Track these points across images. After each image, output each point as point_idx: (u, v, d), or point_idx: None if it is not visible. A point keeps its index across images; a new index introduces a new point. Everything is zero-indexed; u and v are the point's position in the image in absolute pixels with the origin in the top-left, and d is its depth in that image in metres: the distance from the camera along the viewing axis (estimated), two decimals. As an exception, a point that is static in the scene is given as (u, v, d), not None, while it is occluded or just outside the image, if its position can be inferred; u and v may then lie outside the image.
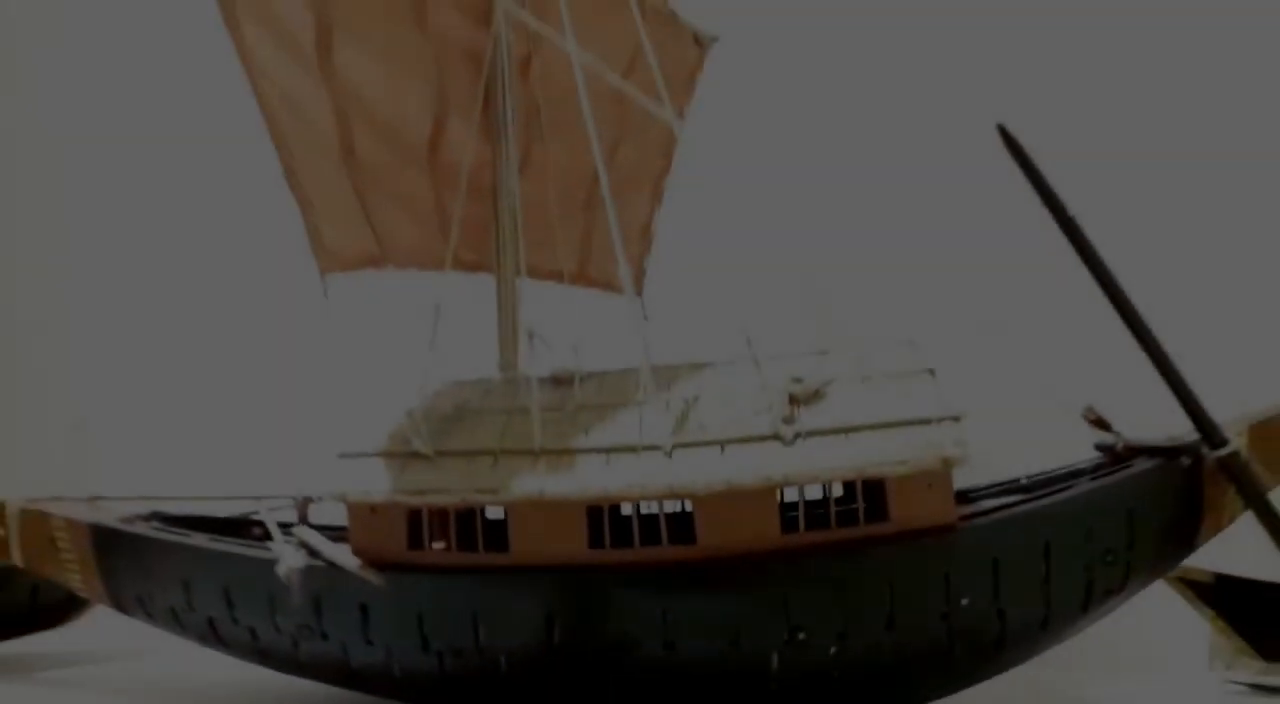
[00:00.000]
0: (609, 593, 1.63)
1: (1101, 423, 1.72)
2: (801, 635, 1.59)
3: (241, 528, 2.04)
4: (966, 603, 1.58)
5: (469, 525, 1.72)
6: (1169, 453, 1.66)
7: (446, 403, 1.86)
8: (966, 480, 1.78)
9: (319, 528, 1.82)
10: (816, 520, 1.63)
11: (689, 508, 1.62)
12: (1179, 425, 1.64)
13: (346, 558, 1.71)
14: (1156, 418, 1.66)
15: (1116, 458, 1.70)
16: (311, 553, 1.73)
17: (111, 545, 1.98)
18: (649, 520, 1.66)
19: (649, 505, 1.67)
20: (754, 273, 2.23)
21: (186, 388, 2.95)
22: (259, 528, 1.98)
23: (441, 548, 1.76)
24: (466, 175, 2.01)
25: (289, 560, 1.70)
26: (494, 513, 1.72)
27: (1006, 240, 2.25)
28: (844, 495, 1.65)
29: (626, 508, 1.72)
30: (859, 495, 1.60)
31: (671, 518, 1.64)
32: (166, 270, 3.02)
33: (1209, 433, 1.62)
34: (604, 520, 1.65)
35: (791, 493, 1.72)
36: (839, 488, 1.66)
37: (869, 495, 1.60)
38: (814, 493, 1.70)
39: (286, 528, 1.84)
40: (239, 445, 2.66)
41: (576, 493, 1.62)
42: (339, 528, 1.81)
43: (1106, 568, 1.63)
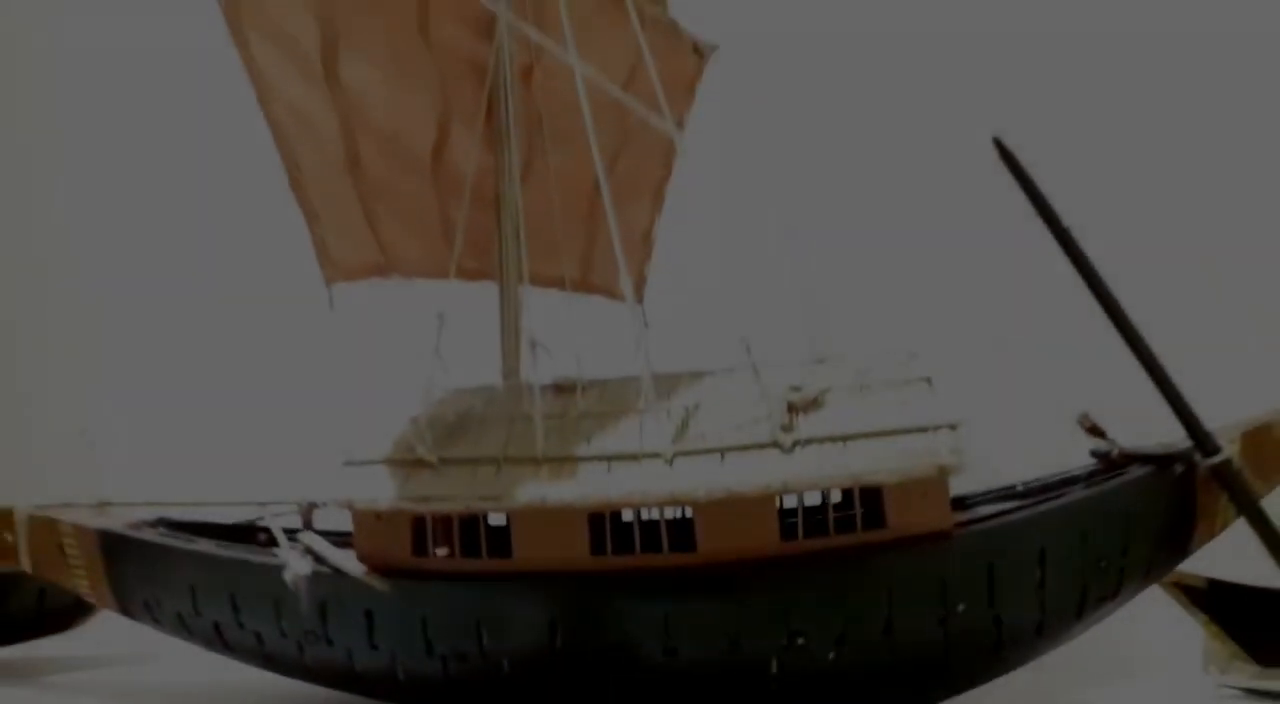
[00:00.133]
0: (610, 598, 1.65)
1: (1097, 430, 1.73)
2: (800, 640, 1.60)
3: (247, 534, 2.05)
4: (963, 608, 1.60)
5: (472, 532, 1.74)
6: (1163, 460, 1.67)
7: (450, 410, 1.87)
8: (963, 487, 1.79)
9: (323, 534, 1.84)
10: (815, 527, 1.64)
11: (689, 515, 1.64)
12: (1175, 433, 1.66)
13: (352, 564, 1.73)
14: (1153, 425, 1.68)
15: (1111, 465, 1.72)
16: (317, 559, 1.75)
17: (119, 551, 1.99)
18: (650, 527, 1.67)
19: (650, 512, 1.69)
20: (753, 281, 2.23)
21: (193, 394, 2.96)
22: (264, 534, 1.99)
23: (445, 554, 1.77)
24: (470, 185, 2.03)
25: (296, 567, 1.72)
26: (497, 519, 1.73)
27: (1002, 249, 2.26)
28: (842, 502, 1.66)
29: (628, 515, 1.74)
30: (856, 503, 1.61)
31: (672, 525, 1.65)
32: (173, 278, 3.02)
33: (1202, 440, 1.64)
34: (606, 527, 1.66)
35: (790, 500, 1.73)
36: (837, 495, 1.67)
37: (866, 503, 1.61)
38: (813, 500, 1.71)
39: (292, 534, 1.85)
40: (245, 452, 2.67)
41: (579, 500, 1.63)
42: (343, 533, 1.83)
43: (1101, 574, 1.64)
